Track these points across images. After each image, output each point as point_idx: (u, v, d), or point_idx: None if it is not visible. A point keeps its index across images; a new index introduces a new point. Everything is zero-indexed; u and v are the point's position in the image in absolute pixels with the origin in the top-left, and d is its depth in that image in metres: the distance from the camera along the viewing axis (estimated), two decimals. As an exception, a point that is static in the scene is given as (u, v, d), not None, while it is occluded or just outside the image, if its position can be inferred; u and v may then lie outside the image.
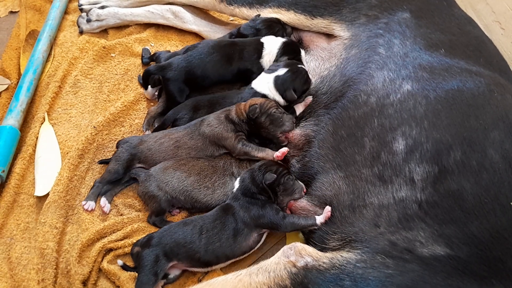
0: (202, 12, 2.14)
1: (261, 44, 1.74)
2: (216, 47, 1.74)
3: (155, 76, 1.73)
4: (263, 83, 1.64)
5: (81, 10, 2.15)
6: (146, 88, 1.81)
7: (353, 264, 1.17)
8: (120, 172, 1.55)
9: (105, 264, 1.43)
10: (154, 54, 1.95)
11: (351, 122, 1.45)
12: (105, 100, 1.85)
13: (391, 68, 1.49)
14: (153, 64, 1.85)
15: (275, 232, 1.54)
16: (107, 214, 1.55)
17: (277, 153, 1.52)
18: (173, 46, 2.06)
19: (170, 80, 1.71)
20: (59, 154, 1.68)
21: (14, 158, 1.68)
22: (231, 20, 2.22)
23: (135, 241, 1.45)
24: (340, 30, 1.75)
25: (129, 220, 1.53)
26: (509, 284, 1.11)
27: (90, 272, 1.42)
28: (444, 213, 1.19)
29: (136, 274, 1.39)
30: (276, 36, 1.77)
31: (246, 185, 1.45)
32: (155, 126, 1.75)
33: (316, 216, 1.38)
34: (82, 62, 1.94)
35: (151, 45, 2.05)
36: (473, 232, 1.15)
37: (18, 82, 1.87)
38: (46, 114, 1.78)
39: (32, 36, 2.06)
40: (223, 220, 1.40)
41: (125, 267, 1.42)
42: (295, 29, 1.87)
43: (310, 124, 1.57)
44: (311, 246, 1.32)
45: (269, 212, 1.40)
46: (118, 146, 1.61)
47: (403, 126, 1.34)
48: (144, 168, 1.61)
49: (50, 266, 1.42)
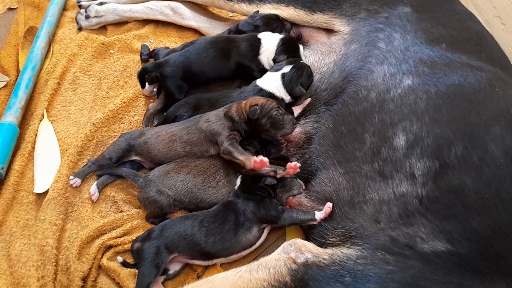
0: (201, 8, 2.13)
1: (258, 41, 1.72)
2: (213, 42, 1.73)
3: (152, 73, 1.72)
4: (270, 81, 1.62)
5: (80, 6, 2.14)
6: (143, 87, 1.80)
7: (354, 260, 1.17)
8: (113, 160, 1.55)
9: (105, 261, 1.42)
10: (153, 50, 1.94)
11: (351, 118, 1.44)
12: (104, 97, 1.84)
13: (392, 63, 1.48)
14: (150, 62, 1.84)
15: (275, 227, 1.54)
16: (95, 202, 1.55)
17: (252, 162, 1.40)
18: (172, 42, 2.05)
19: (167, 77, 1.70)
20: (58, 151, 1.68)
21: (13, 155, 1.67)
22: (230, 16, 2.21)
23: (134, 238, 1.44)
24: (340, 25, 1.74)
25: (129, 217, 1.52)
26: (511, 281, 1.10)
27: (90, 269, 1.42)
28: (445, 209, 1.18)
29: (136, 270, 1.39)
30: (274, 33, 1.76)
31: (246, 184, 1.47)
32: (155, 123, 1.74)
33: (316, 212, 1.37)
34: (81, 59, 1.93)
35: (150, 42, 2.04)
36: (474, 227, 1.15)
37: (16, 79, 1.86)
38: (45, 111, 1.77)
39: (31, 32, 2.05)
40: (224, 215, 1.41)
41: (125, 264, 1.42)
42: (294, 24, 1.86)
43: (311, 121, 1.56)
44: (311, 242, 1.31)
45: (268, 206, 1.41)
46: (120, 136, 1.62)
47: (403, 121, 1.33)
48: (140, 161, 1.61)
49: (50, 263, 1.42)
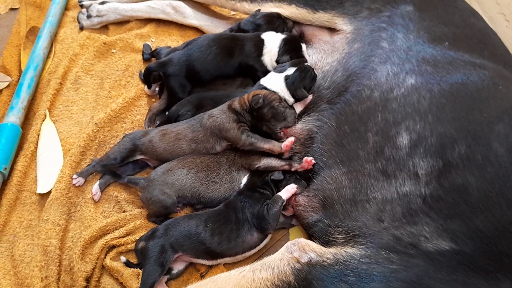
0: (203, 7, 2.13)
1: (262, 41, 1.72)
2: (216, 40, 1.73)
3: (155, 72, 1.72)
4: (274, 82, 1.62)
5: (81, 6, 2.14)
6: (149, 87, 1.80)
7: (357, 260, 1.16)
8: (117, 160, 1.56)
9: (108, 261, 1.43)
10: (155, 50, 1.94)
11: (354, 117, 1.43)
12: (106, 97, 1.84)
13: (395, 62, 1.48)
14: (153, 61, 1.84)
15: (278, 226, 1.55)
16: (98, 201, 1.56)
17: (285, 143, 1.49)
18: (174, 41, 2.05)
19: (171, 75, 1.70)
20: (60, 151, 1.68)
21: (16, 155, 1.67)
22: (232, 15, 2.21)
23: (138, 238, 1.45)
24: (342, 24, 1.73)
25: (132, 217, 1.52)
26: (515, 279, 1.10)
27: (93, 269, 1.42)
28: (449, 208, 1.18)
29: (139, 270, 1.40)
30: (277, 31, 1.75)
31: (252, 179, 1.48)
32: (157, 123, 1.74)
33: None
34: (83, 59, 1.93)
35: (152, 41, 2.04)
36: (478, 226, 1.14)
37: (19, 79, 1.86)
38: (47, 111, 1.77)
39: (33, 32, 2.05)
40: (226, 214, 1.42)
41: (128, 264, 1.42)
42: (296, 23, 1.85)
43: (313, 119, 1.56)
44: (315, 241, 1.31)
45: (261, 215, 1.40)
46: (124, 136, 1.62)
47: (407, 120, 1.33)
48: (145, 161, 1.61)
49: (53, 263, 1.42)
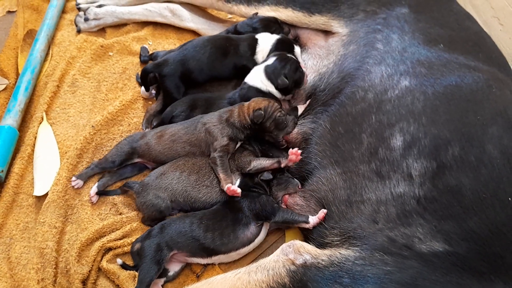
0: (200, 10, 2.14)
1: (256, 41, 1.73)
2: (211, 40, 1.74)
3: (151, 74, 1.73)
4: (255, 76, 1.63)
5: (79, 9, 2.14)
6: (147, 89, 1.81)
7: (352, 261, 1.17)
8: (116, 163, 1.57)
9: (104, 263, 1.43)
10: (152, 53, 1.95)
11: (348, 118, 1.44)
12: (103, 99, 1.84)
13: (389, 64, 1.49)
14: (150, 63, 1.85)
15: (274, 228, 1.55)
16: (95, 203, 1.56)
17: (229, 188, 1.43)
18: (171, 44, 2.06)
19: (166, 76, 1.71)
20: (57, 154, 1.68)
21: (13, 158, 1.68)
22: (229, 18, 2.22)
23: (134, 240, 1.45)
24: (338, 26, 1.74)
25: (128, 219, 1.53)
26: (508, 280, 1.10)
27: (89, 271, 1.42)
28: (443, 209, 1.18)
29: (136, 273, 1.40)
30: (273, 34, 1.76)
31: (245, 181, 1.49)
32: (154, 124, 1.74)
33: (310, 216, 1.38)
34: (80, 61, 1.94)
35: (149, 44, 2.05)
36: (472, 228, 1.15)
37: (16, 82, 1.87)
38: (44, 113, 1.78)
39: (30, 35, 2.06)
40: (222, 213, 1.43)
41: (124, 266, 1.43)
42: (292, 26, 1.86)
43: (308, 121, 1.57)
44: (310, 242, 1.32)
45: (264, 202, 1.42)
46: (123, 139, 1.63)
47: (401, 122, 1.34)
48: (143, 164, 1.62)
49: (50, 265, 1.42)
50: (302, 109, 1.64)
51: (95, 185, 1.57)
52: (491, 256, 1.12)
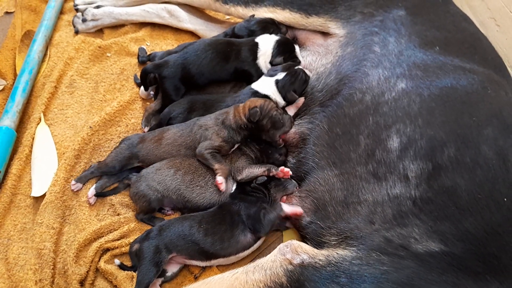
0: (198, 11, 2.14)
1: (256, 45, 1.74)
2: (212, 44, 1.75)
3: (151, 75, 1.74)
4: (265, 86, 1.64)
5: (77, 10, 2.15)
6: (146, 89, 1.81)
7: (349, 261, 1.18)
8: (116, 168, 1.57)
9: (102, 264, 1.43)
10: (150, 54, 1.95)
11: (346, 120, 1.45)
12: (101, 100, 1.85)
13: (386, 66, 1.50)
14: (150, 63, 1.85)
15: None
16: (93, 204, 1.57)
17: (217, 182, 1.47)
18: (169, 45, 2.06)
19: (166, 78, 1.71)
20: (55, 155, 1.68)
21: (11, 158, 1.68)
22: (226, 19, 2.22)
23: (131, 240, 1.45)
24: (335, 28, 1.75)
25: (126, 220, 1.53)
26: (504, 280, 1.11)
27: (87, 272, 1.43)
28: (439, 210, 1.19)
29: (133, 273, 1.40)
30: (271, 35, 1.77)
31: (242, 185, 1.50)
32: (152, 124, 1.75)
33: (283, 204, 1.45)
34: (78, 62, 1.94)
35: (146, 44, 2.05)
36: (467, 228, 1.16)
37: (14, 83, 1.87)
38: (42, 114, 1.78)
39: (28, 36, 2.06)
40: (221, 216, 1.43)
41: (122, 267, 1.43)
42: (290, 28, 1.87)
43: (305, 122, 1.58)
44: (308, 243, 1.33)
45: (253, 214, 1.42)
46: (121, 142, 1.63)
47: (397, 123, 1.35)
48: (142, 167, 1.61)
49: (48, 266, 1.43)
50: (293, 111, 1.64)
51: (93, 186, 1.58)
52: (487, 256, 1.13)
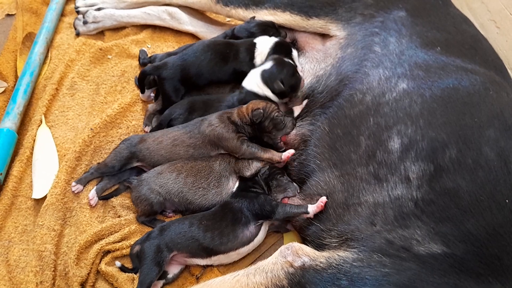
0: (199, 13, 2.15)
1: (254, 45, 1.74)
2: (211, 45, 1.75)
3: (151, 76, 1.74)
4: (252, 80, 1.64)
5: (78, 12, 2.15)
6: (143, 91, 1.81)
7: (350, 263, 1.17)
8: (116, 168, 1.57)
9: (103, 266, 1.43)
10: (151, 56, 1.96)
11: (347, 121, 1.45)
12: (102, 102, 1.85)
13: (387, 67, 1.50)
14: (149, 65, 1.85)
15: (273, 230, 1.56)
16: (94, 206, 1.56)
17: (285, 154, 1.52)
18: (170, 47, 2.06)
19: (165, 79, 1.71)
20: (56, 157, 1.68)
21: (12, 160, 1.68)
22: (227, 21, 2.23)
23: (132, 242, 1.45)
24: (336, 29, 1.75)
25: (127, 222, 1.53)
26: (506, 281, 1.11)
27: (88, 274, 1.43)
28: (440, 211, 1.19)
29: (134, 275, 1.40)
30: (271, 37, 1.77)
31: (244, 181, 1.52)
32: (154, 124, 1.75)
33: (309, 205, 1.40)
34: (79, 64, 1.94)
35: (147, 47, 2.06)
36: (469, 229, 1.16)
37: (15, 85, 1.87)
38: (43, 116, 1.78)
39: (29, 38, 2.07)
40: (222, 214, 1.44)
41: (123, 269, 1.43)
42: (290, 30, 1.87)
43: (306, 123, 1.58)
44: (308, 245, 1.32)
45: (262, 201, 1.43)
46: (120, 143, 1.63)
47: (398, 124, 1.34)
48: (142, 168, 1.62)
49: (48, 268, 1.42)
50: (298, 110, 1.65)
51: (93, 188, 1.58)
52: (489, 258, 1.13)
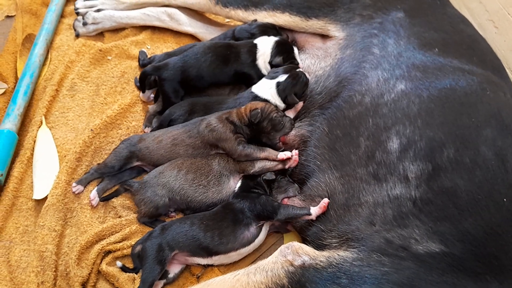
0: (198, 14, 2.15)
1: (255, 46, 1.75)
2: (212, 47, 1.75)
3: (151, 76, 1.74)
4: (265, 88, 1.64)
5: (77, 13, 2.16)
6: (143, 91, 1.82)
7: (350, 263, 1.18)
8: (115, 168, 1.58)
9: (104, 266, 1.44)
10: (151, 57, 1.96)
11: (346, 122, 1.46)
12: (102, 103, 1.85)
13: (385, 68, 1.51)
14: (149, 65, 1.86)
15: (274, 230, 1.57)
16: (95, 206, 1.57)
17: (281, 154, 1.53)
18: (169, 48, 2.07)
19: (165, 80, 1.72)
20: (56, 157, 1.69)
21: (12, 161, 1.68)
22: (226, 22, 2.23)
23: (133, 242, 1.46)
24: (335, 30, 1.76)
25: (128, 222, 1.54)
26: (503, 280, 1.12)
27: (89, 274, 1.43)
28: (438, 210, 1.20)
29: (135, 275, 1.41)
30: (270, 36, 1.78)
31: (245, 182, 1.52)
32: (154, 125, 1.75)
33: (311, 207, 1.40)
34: (79, 65, 1.95)
35: (147, 48, 2.06)
36: (467, 229, 1.17)
37: (15, 86, 1.88)
38: (43, 117, 1.79)
39: (29, 40, 2.07)
40: (223, 214, 1.45)
41: (124, 269, 1.44)
42: (290, 31, 1.88)
43: (305, 124, 1.59)
44: (308, 244, 1.33)
45: (264, 202, 1.44)
46: (120, 143, 1.64)
47: (397, 125, 1.35)
48: (142, 167, 1.63)
49: (50, 268, 1.43)
50: (292, 115, 1.65)
51: (94, 189, 1.58)
52: (487, 257, 1.14)
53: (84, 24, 2.09)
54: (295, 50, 1.77)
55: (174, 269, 1.44)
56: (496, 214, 1.18)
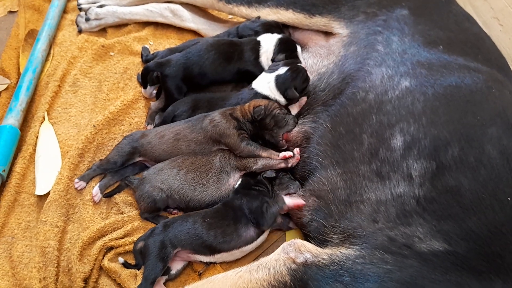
0: (201, 10, 2.15)
1: (258, 43, 1.74)
2: (214, 45, 1.75)
3: (153, 73, 1.74)
4: (264, 83, 1.64)
5: (80, 9, 2.15)
6: (145, 87, 1.82)
7: (352, 260, 1.18)
8: (118, 164, 1.58)
9: (106, 262, 1.44)
10: (154, 53, 1.96)
11: (349, 119, 1.45)
12: (105, 99, 1.85)
13: (390, 65, 1.50)
14: (152, 61, 1.85)
15: (275, 227, 1.57)
16: (97, 202, 1.57)
17: (282, 153, 1.52)
18: (172, 44, 2.06)
19: (168, 76, 1.71)
20: (59, 153, 1.69)
21: (15, 157, 1.68)
22: (229, 18, 2.23)
23: (135, 239, 1.46)
24: (339, 27, 1.75)
25: (130, 218, 1.53)
26: (508, 279, 1.11)
27: (91, 270, 1.43)
28: (442, 209, 1.19)
29: (137, 271, 1.41)
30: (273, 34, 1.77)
31: (246, 179, 1.52)
32: (156, 122, 1.75)
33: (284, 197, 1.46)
34: (81, 61, 1.95)
35: (150, 44, 2.06)
36: (471, 227, 1.16)
37: (17, 82, 1.87)
38: (46, 113, 1.79)
39: (31, 35, 2.07)
40: (223, 211, 1.45)
41: (126, 265, 1.44)
42: (293, 28, 1.87)
43: (308, 121, 1.58)
44: (311, 242, 1.33)
45: (255, 208, 1.43)
46: (123, 139, 1.64)
47: (401, 122, 1.35)
48: (144, 163, 1.63)
49: (52, 264, 1.43)
50: (296, 110, 1.65)
51: (97, 185, 1.58)
52: (491, 256, 1.13)
53: (87, 19, 2.08)
54: (298, 48, 1.76)
55: (176, 266, 1.44)
56: (500, 213, 1.17)
